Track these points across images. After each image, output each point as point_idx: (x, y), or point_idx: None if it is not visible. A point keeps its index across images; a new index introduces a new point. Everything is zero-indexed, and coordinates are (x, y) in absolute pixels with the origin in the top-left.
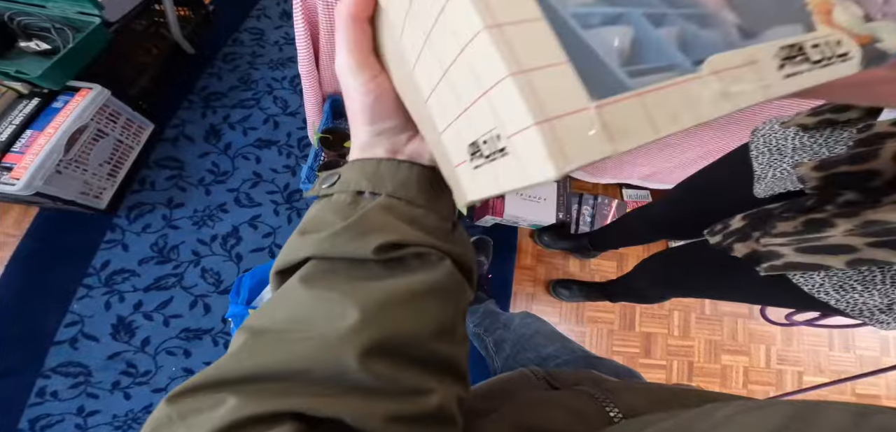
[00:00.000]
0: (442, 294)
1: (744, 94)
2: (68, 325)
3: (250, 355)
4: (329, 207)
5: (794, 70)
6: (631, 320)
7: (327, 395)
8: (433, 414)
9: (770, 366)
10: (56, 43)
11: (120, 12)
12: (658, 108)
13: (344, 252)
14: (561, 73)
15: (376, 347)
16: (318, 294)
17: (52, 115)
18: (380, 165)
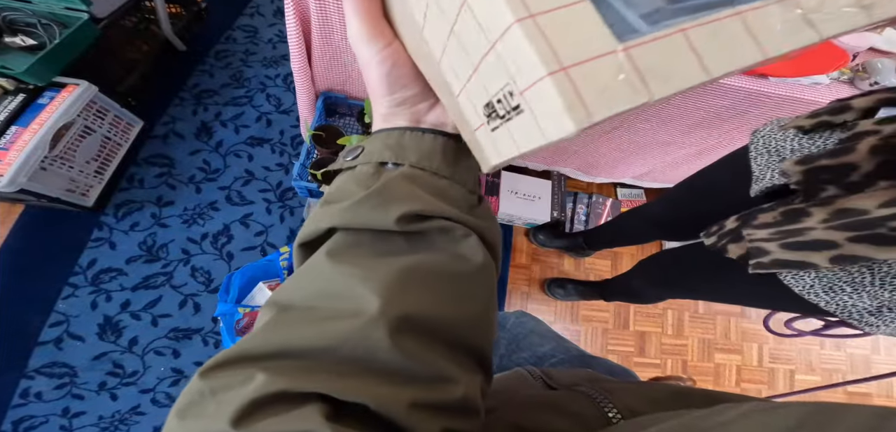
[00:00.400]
0: (468, 278)
1: (840, 17)
2: (53, 325)
3: (277, 331)
4: (352, 178)
5: None
6: (625, 319)
7: (352, 377)
8: (458, 403)
9: (762, 365)
10: (42, 39)
11: (109, 8)
12: (708, 43)
13: (367, 222)
14: (578, 13)
15: (404, 322)
16: (342, 270)
17: (37, 111)
18: (403, 135)
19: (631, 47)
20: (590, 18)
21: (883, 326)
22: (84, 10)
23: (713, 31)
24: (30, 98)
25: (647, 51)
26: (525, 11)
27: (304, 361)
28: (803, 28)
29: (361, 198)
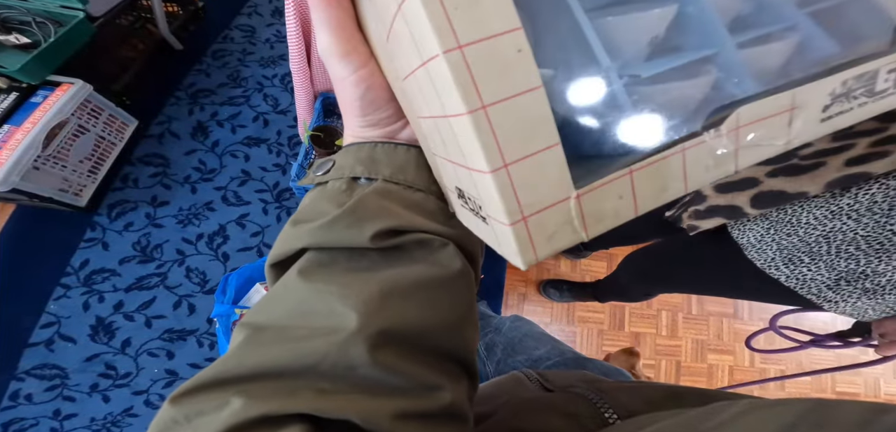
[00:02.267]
0: (447, 285)
1: (758, 148)
2: (44, 326)
3: (252, 352)
4: (324, 195)
5: (844, 108)
6: (620, 320)
7: (335, 394)
8: (445, 410)
9: (754, 365)
10: (37, 37)
11: (105, 7)
12: (647, 182)
13: (341, 241)
14: (548, 160)
15: (383, 337)
16: (318, 287)
17: (30, 110)
18: (375, 149)
19: (583, 194)
20: (557, 164)
21: (841, 302)
22: (80, 9)
23: (657, 170)
24: (23, 96)
25: (596, 196)
26: (500, 161)
27: (283, 381)
28: (728, 161)
29: (334, 217)
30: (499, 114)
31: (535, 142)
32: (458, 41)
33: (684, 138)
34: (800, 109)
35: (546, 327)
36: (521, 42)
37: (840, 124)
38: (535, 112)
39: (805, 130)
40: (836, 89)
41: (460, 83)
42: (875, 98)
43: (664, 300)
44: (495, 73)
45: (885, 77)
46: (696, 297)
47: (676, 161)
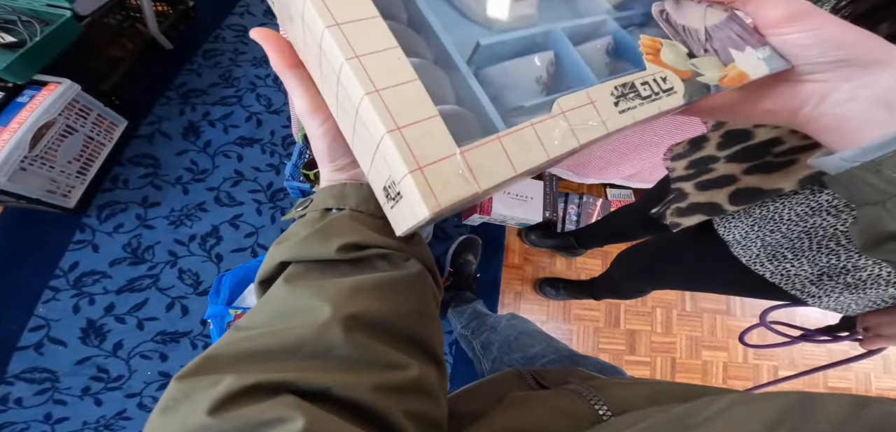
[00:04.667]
0: (410, 286)
1: (588, 130)
2: (33, 329)
3: (243, 342)
4: (301, 223)
5: (628, 105)
6: (616, 318)
7: (316, 369)
8: (414, 384)
9: (747, 362)
10: (22, 36)
11: (92, 6)
12: (515, 147)
13: (312, 253)
14: (432, 126)
15: (355, 321)
16: (295, 291)
17: (16, 110)
18: (345, 187)
19: (465, 151)
20: (440, 129)
21: (824, 297)
22: (67, 7)
23: (518, 137)
24: (9, 96)
25: (477, 153)
26: (393, 124)
27: (270, 362)
28: (570, 137)
29: (308, 234)
30: (389, 95)
31: (419, 113)
32: (356, 53)
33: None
34: (598, 102)
35: (542, 325)
36: (400, 54)
37: (638, 116)
38: (415, 95)
39: (611, 118)
40: (615, 90)
41: (360, 77)
42: (644, 101)
43: (659, 297)
44: (385, 71)
45: (641, 87)
46: (689, 295)
47: (530, 132)
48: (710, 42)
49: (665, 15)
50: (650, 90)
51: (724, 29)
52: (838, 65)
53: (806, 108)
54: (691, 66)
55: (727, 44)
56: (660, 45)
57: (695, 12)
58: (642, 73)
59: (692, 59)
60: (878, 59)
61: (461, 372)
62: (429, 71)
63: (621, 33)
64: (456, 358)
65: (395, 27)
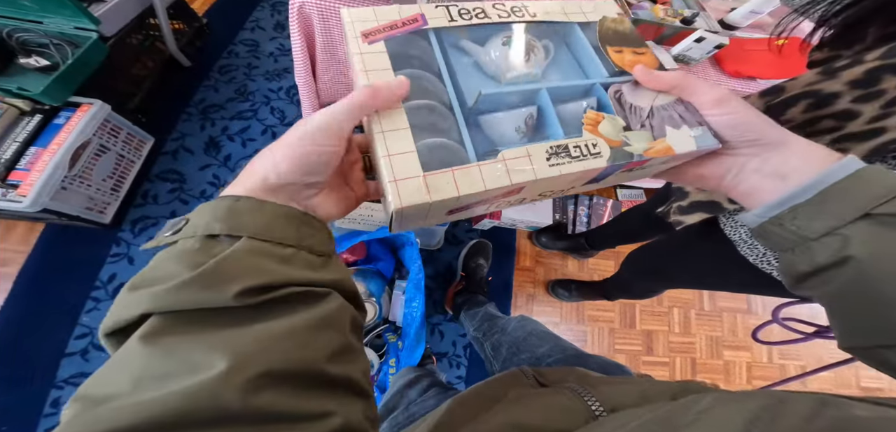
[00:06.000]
0: (330, 323)
1: (520, 173)
2: (78, 337)
3: (101, 420)
4: (171, 255)
5: (557, 161)
6: (631, 318)
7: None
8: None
9: (773, 361)
10: (55, 59)
11: (116, 27)
12: (463, 178)
13: (195, 303)
14: (410, 157)
15: (261, 379)
16: (169, 347)
17: (54, 132)
18: (237, 202)
19: (427, 175)
20: (414, 159)
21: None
22: (93, 29)
23: (466, 172)
24: (46, 118)
25: (435, 178)
26: (386, 153)
27: None
28: (504, 176)
29: (187, 279)
30: (389, 137)
31: (403, 147)
32: (382, 128)
33: (480, 160)
34: (533, 156)
35: (556, 327)
36: (404, 113)
37: (564, 170)
38: (404, 137)
39: (541, 169)
40: (549, 150)
41: (380, 140)
42: (573, 160)
43: (675, 297)
44: (390, 123)
45: (573, 149)
46: (707, 294)
47: (476, 169)
48: (650, 119)
49: (619, 94)
50: (580, 152)
51: (669, 109)
52: (751, 144)
53: (728, 177)
54: (623, 138)
55: (666, 121)
56: (601, 119)
57: (646, 95)
58: (577, 139)
59: (626, 132)
60: (777, 140)
61: (475, 374)
62: (435, 111)
63: (605, 97)
64: (470, 360)
65: (422, 75)
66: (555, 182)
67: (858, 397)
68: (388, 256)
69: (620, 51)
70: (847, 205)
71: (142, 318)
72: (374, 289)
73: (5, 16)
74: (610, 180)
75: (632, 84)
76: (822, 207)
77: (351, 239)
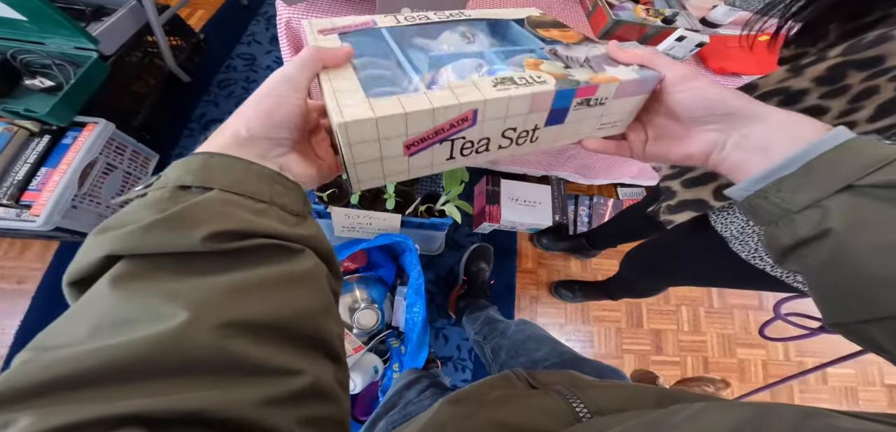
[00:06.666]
0: (304, 281)
1: (468, 95)
2: None
3: (50, 363)
4: (140, 205)
5: (504, 88)
6: (638, 318)
7: (176, 390)
8: (308, 391)
9: (790, 359)
10: (58, 79)
11: (115, 45)
12: (408, 100)
13: (161, 245)
14: (358, 94)
15: (226, 328)
16: (132, 295)
17: (63, 152)
18: (212, 158)
19: (372, 100)
20: (360, 93)
21: (791, 274)
22: (92, 49)
23: (412, 98)
24: (54, 139)
25: (378, 100)
26: (333, 90)
27: (98, 388)
28: (452, 98)
29: (153, 220)
30: (336, 83)
31: (350, 87)
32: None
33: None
34: (479, 86)
35: (561, 328)
36: (353, 72)
37: (512, 94)
38: (352, 84)
39: (488, 92)
40: (495, 80)
41: (327, 81)
42: (519, 86)
43: (682, 295)
44: (339, 78)
45: (518, 80)
46: (715, 291)
47: (423, 95)
48: (588, 64)
49: (553, 51)
50: (526, 81)
51: (602, 61)
52: (725, 118)
53: (713, 153)
54: (565, 72)
55: (603, 63)
56: (542, 62)
57: (579, 49)
58: (522, 72)
59: (567, 69)
60: (754, 114)
61: (480, 377)
62: (385, 70)
63: (542, 53)
64: (476, 364)
65: (374, 59)
66: (509, 112)
67: (845, 411)
68: (389, 263)
69: (549, 30)
70: (831, 177)
71: (106, 262)
72: (376, 295)
73: (7, 37)
74: (574, 127)
75: (563, 45)
76: (806, 179)
77: (351, 246)
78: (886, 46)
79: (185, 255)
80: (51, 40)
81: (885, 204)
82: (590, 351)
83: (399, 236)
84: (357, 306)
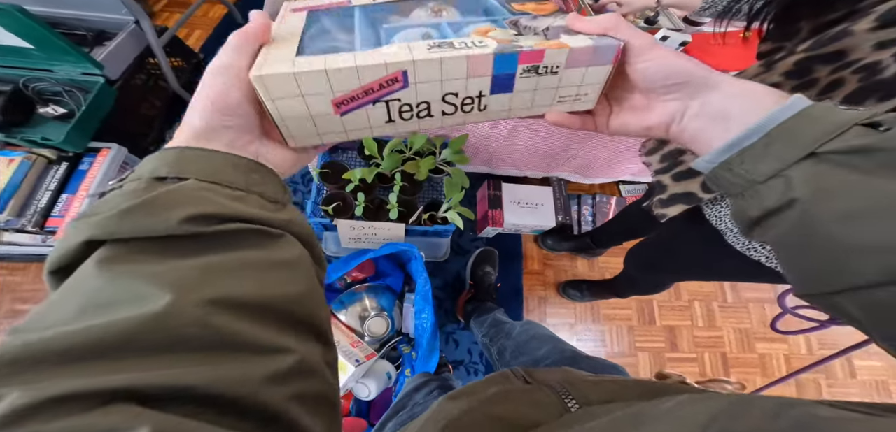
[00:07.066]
0: (287, 266)
1: (397, 57)
2: None
3: (36, 341)
4: (117, 194)
5: (439, 51)
6: (650, 315)
7: (165, 366)
8: (296, 368)
9: (813, 352)
10: (70, 106)
11: (119, 69)
12: (333, 59)
13: (139, 229)
14: (290, 53)
15: (217, 304)
16: (115, 277)
17: (80, 178)
18: (183, 152)
19: (298, 58)
20: (293, 49)
21: None
22: (99, 74)
23: (339, 57)
24: (72, 166)
25: (303, 58)
26: (265, 53)
27: (87, 363)
28: (379, 59)
29: (130, 206)
30: (272, 49)
31: (284, 47)
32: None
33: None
34: (414, 50)
35: (571, 328)
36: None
37: (444, 55)
38: (289, 46)
39: (420, 54)
40: (432, 44)
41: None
42: (455, 49)
43: (694, 290)
44: (277, 47)
45: (457, 45)
46: (729, 285)
47: (350, 55)
48: (544, 33)
49: (516, 21)
50: (465, 45)
51: (563, 30)
52: (681, 87)
53: (673, 124)
54: (512, 38)
55: (560, 33)
56: (492, 29)
57: (543, 21)
58: (462, 38)
59: (517, 37)
60: (711, 82)
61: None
62: (330, 35)
63: (501, 24)
64: (487, 367)
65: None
66: (444, 76)
67: (825, 400)
68: (397, 271)
69: (524, 4)
70: (792, 146)
71: (86, 249)
72: (385, 303)
73: (18, 66)
74: (526, 97)
75: (530, 16)
76: (768, 149)
77: (358, 257)
78: (847, 41)
79: (164, 239)
80: (59, 67)
81: (847, 170)
82: (602, 351)
83: (404, 245)
84: (367, 314)
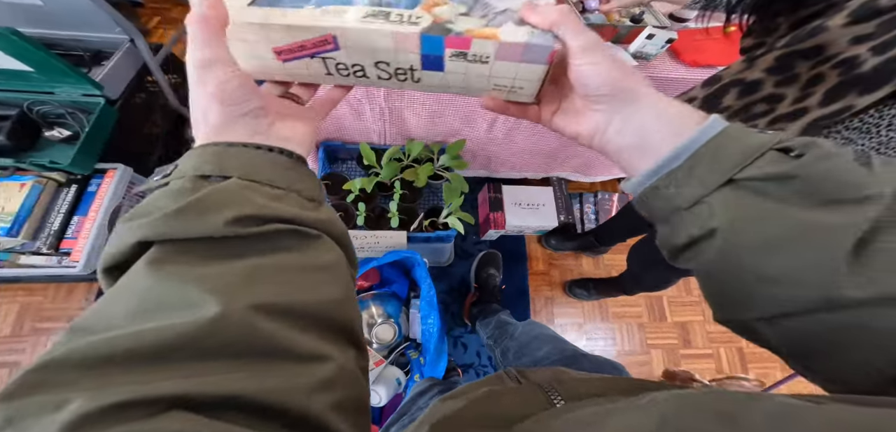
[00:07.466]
0: (325, 269)
1: (329, 18)
2: None
3: (95, 344)
4: (164, 194)
5: (373, 21)
6: (660, 311)
7: (212, 373)
8: (338, 375)
9: None
10: (74, 128)
11: (119, 89)
12: (270, 12)
13: (189, 230)
14: (243, 5)
15: (261, 310)
16: (165, 278)
17: (90, 199)
18: (227, 149)
19: (245, 8)
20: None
21: None
22: (99, 95)
23: (282, 11)
24: (81, 187)
25: (247, 9)
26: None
27: (142, 370)
28: (319, 18)
29: (180, 207)
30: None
31: None
32: None
33: None
34: (351, 12)
35: (580, 327)
36: None
37: (374, 28)
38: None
39: (351, 22)
40: (369, 11)
41: None
42: (388, 23)
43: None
44: None
45: (395, 16)
46: None
47: (293, 11)
48: (497, 16)
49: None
50: (400, 19)
51: (515, 15)
52: (609, 98)
53: (597, 136)
54: (449, 17)
55: (509, 19)
56: (441, 3)
57: (504, 1)
58: (405, 10)
59: (462, 17)
60: (634, 96)
61: None
62: None
63: None
64: (495, 368)
65: None
66: (373, 46)
67: (792, 395)
68: (402, 278)
69: None
70: (712, 171)
71: (139, 249)
72: (392, 310)
73: (20, 90)
74: (458, 79)
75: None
76: (692, 171)
77: (363, 266)
78: (823, 36)
79: (209, 240)
80: (60, 89)
81: (762, 198)
82: (613, 350)
83: (407, 252)
84: (374, 322)
